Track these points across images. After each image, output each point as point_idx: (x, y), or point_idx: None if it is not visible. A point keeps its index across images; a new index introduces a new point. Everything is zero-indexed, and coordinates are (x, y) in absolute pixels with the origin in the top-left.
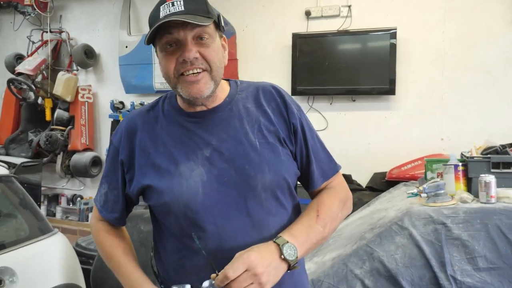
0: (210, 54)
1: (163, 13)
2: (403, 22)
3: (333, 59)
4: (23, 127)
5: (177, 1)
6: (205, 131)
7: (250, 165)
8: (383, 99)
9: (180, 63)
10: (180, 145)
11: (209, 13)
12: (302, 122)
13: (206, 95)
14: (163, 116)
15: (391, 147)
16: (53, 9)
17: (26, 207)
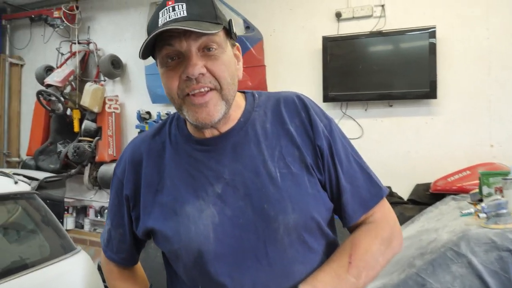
0: (219, 68)
1: (162, 20)
2: (442, 20)
3: (367, 62)
4: (52, 139)
5: (178, 4)
6: (216, 162)
7: (269, 203)
8: (423, 103)
9: (184, 80)
10: (188, 179)
11: (217, 19)
12: (330, 142)
13: (216, 120)
14: (169, 143)
15: (434, 155)
16: (81, 20)
17: (49, 225)
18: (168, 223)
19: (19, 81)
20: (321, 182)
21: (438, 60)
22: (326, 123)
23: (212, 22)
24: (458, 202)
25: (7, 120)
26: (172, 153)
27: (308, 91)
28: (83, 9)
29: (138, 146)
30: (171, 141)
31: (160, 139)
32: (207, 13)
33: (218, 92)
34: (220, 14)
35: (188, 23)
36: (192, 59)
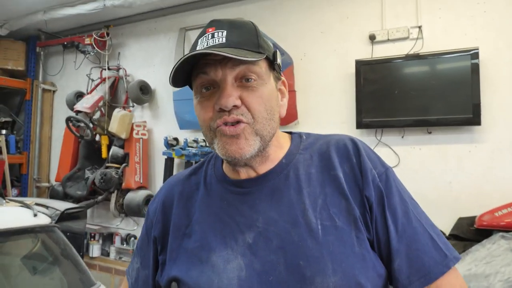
0: (255, 101)
1: (199, 47)
2: (486, 41)
3: (403, 86)
4: (80, 165)
5: (218, 32)
6: (250, 207)
7: (306, 261)
8: (465, 130)
9: (217, 111)
10: (217, 224)
11: (259, 48)
12: (383, 193)
13: (248, 156)
14: (204, 185)
15: (478, 187)
16: (111, 46)
17: (68, 258)
18: (191, 272)
19: (51, 107)
20: (369, 241)
21: (482, 84)
22: (380, 171)
23: (253, 51)
24: (509, 241)
25: (38, 145)
26: (204, 195)
27: (340, 117)
28: (113, 36)
29: (172, 187)
30: (206, 182)
31: (196, 179)
32: (248, 41)
33: (250, 126)
34: (263, 43)
35: (224, 50)
36: (226, 90)
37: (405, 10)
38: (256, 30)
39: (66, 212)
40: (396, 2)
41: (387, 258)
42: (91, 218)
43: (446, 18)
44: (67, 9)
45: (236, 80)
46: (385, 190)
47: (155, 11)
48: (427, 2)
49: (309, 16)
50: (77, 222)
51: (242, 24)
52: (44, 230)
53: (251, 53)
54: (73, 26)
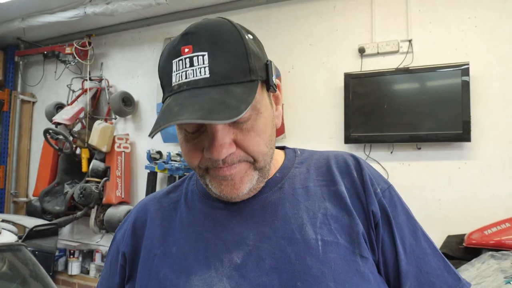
0: (253, 142)
1: (176, 77)
2: (476, 56)
3: (393, 101)
4: (59, 179)
5: (198, 55)
6: (239, 223)
7: (304, 281)
8: (455, 146)
9: (207, 159)
10: (200, 244)
11: (251, 73)
12: (387, 210)
13: (244, 192)
14: (184, 202)
15: (468, 204)
16: (93, 56)
17: (37, 280)
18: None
19: (30, 118)
20: (374, 262)
21: (472, 100)
22: (384, 187)
23: (245, 81)
24: (498, 261)
25: (16, 158)
26: (185, 213)
27: (328, 132)
28: (96, 45)
29: (146, 206)
30: (187, 199)
31: (175, 197)
32: (237, 67)
33: (251, 164)
34: (254, 62)
35: (211, 97)
36: (217, 139)
37: (395, 23)
38: (244, 45)
39: (35, 229)
40: (386, 15)
41: (395, 281)
42: (71, 235)
43: (436, 32)
44: (46, 16)
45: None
46: (390, 207)
47: (139, 21)
48: (417, 16)
49: (298, 28)
50: (47, 240)
51: (226, 37)
52: (10, 249)
53: (242, 90)
54: (53, 35)
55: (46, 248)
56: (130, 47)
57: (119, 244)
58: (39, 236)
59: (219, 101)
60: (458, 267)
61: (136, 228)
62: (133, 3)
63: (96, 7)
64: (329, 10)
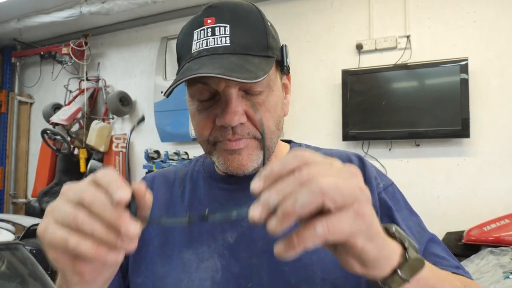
0: (264, 117)
1: (196, 45)
2: (475, 52)
3: (391, 97)
4: (57, 179)
5: (220, 26)
6: (236, 205)
7: (292, 267)
8: (454, 143)
9: (218, 128)
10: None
11: (268, 50)
12: (390, 206)
13: (250, 169)
14: (190, 180)
15: (467, 201)
16: (90, 56)
17: (35, 279)
18: (156, 268)
19: (28, 119)
20: None
21: (471, 96)
22: (387, 184)
23: (262, 56)
24: (497, 257)
25: (15, 159)
26: (188, 190)
27: (326, 129)
28: (92, 45)
29: (153, 178)
30: (192, 178)
31: (182, 174)
32: (256, 41)
33: (256, 141)
34: (272, 41)
35: (231, 61)
36: (231, 105)
37: (393, 19)
38: (264, 23)
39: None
40: (384, 11)
41: None
42: None
43: (435, 28)
44: (42, 16)
45: (241, 90)
46: (392, 202)
47: (135, 20)
48: (415, 12)
49: (295, 25)
50: None
51: (248, 13)
52: (8, 248)
53: (261, 60)
54: (50, 35)
55: None
56: (126, 47)
57: None
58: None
59: (238, 64)
60: None
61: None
62: (129, 1)
63: (92, 6)
64: (326, 7)
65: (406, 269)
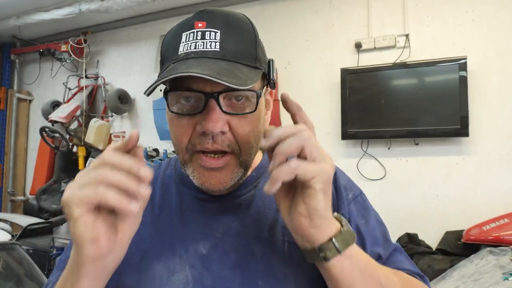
0: (244, 129)
1: (184, 46)
2: (474, 50)
3: (390, 96)
4: (56, 177)
5: (211, 31)
6: (210, 215)
7: (265, 281)
8: (453, 141)
9: (199, 134)
10: (168, 230)
11: (256, 61)
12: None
13: (228, 186)
14: (161, 184)
15: (466, 200)
16: (89, 54)
17: (32, 279)
18: (125, 279)
19: (26, 117)
20: None
21: (470, 94)
22: (356, 193)
23: (251, 66)
24: (497, 257)
25: (13, 157)
26: (158, 196)
27: (325, 128)
28: (92, 43)
29: None
30: (163, 182)
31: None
32: (246, 51)
33: (235, 157)
34: (261, 53)
35: (220, 66)
36: (214, 112)
37: (392, 18)
38: (255, 34)
39: (29, 228)
40: (383, 9)
41: None
42: (67, 233)
43: (433, 26)
44: (41, 14)
45: (226, 98)
46: (361, 213)
47: (134, 18)
48: (414, 10)
49: (294, 24)
50: (41, 239)
51: (239, 23)
52: (4, 248)
53: (248, 70)
54: (49, 32)
55: (41, 247)
56: (126, 44)
57: None
58: (33, 234)
59: (227, 70)
60: (456, 263)
61: None
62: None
63: (91, 4)
64: (325, 5)
65: (339, 239)
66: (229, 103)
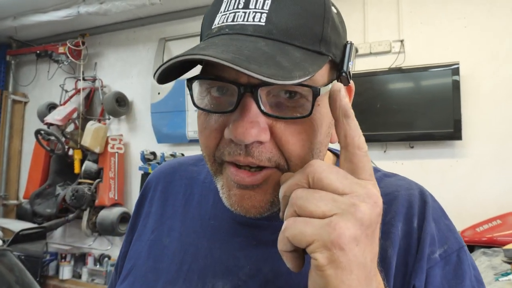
0: (295, 139)
1: (220, 19)
2: (467, 55)
3: (386, 100)
4: (51, 180)
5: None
6: (241, 246)
7: None
8: (447, 144)
9: (227, 142)
10: (191, 250)
11: (321, 43)
12: (432, 279)
13: (265, 214)
14: (202, 184)
15: (460, 201)
16: (87, 56)
17: (23, 286)
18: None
19: (21, 119)
20: None
21: (463, 98)
22: (451, 249)
23: (309, 49)
24: (490, 258)
25: (7, 160)
26: (195, 201)
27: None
28: (90, 45)
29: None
30: (205, 181)
31: (194, 171)
32: (306, 28)
33: (280, 172)
34: (331, 33)
35: (257, 47)
36: (248, 113)
37: (387, 23)
38: (324, 6)
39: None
40: (379, 15)
41: None
42: (62, 238)
43: (427, 32)
44: (39, 15)
45: (269, 95)
46: (452, 281)
47: (133, 21)
48: (409, 16)
49: None
50: (34, 244)
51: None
52: None
53: (302, 56)
54: (46, 34)
55: (33, 253)
56: (124, 47)
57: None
58: (26, 240)
59: (266, 54)
60: None
61: (144, 194)
62: (127, 3)
63: (90, 6)
64: None
65: None
66: (275, 101)
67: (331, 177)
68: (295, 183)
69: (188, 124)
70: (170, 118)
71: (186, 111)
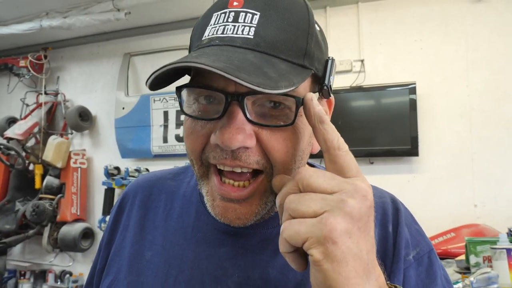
0: (280, 145)
1: (210, 31)
2: (423, 76)
3: (347, 117)
4: (10, 196)
5: (247, 12)
6: (228, 255)
7: None
8: (404, 160)
9: (213, 147)
10: (175, 262)
11: (306, 57)
12: (411, 277)
13: (251, 222)
14: (182, 198)
15: (417, 215)
16: (49, 70)
17: None
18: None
19: None
20: None
21: (419, 117)
22: (422, 251)
23: (294, 63)
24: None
25: None
26: (175, 214)
27: None
28: (52, 59)
29: (137, 187)
30: (185, 196)
31: (173, 186)
32: (291, 42)
33: (265, 180)
34: (315, 48)
35: (246, 58)
36: (235, 119)
37: (348, 44)
38: (308, 22)
39: None
40: (340, 36)
41: None
42: (22, 255)
43: (386, 53)
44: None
45: (255, 104)
46: (425, 280)
47: (98, 35)
48: (369, 37)
49: None
50: None
51: (289, 4)
52: None
53: (287, 68)
54: (7, 46)
55: None
56: (88, 61)
57: (109, 225)
58: None
59: (254, 64)
60: None
61: (121, 207)
62: (92, 17)
63: (53, 20)
64: None
65: None
66: (261, 111)
67: (319, 180)
68: (287, 192)
69: (152, 139)
70: (135, 133)
71: (151, 126)
